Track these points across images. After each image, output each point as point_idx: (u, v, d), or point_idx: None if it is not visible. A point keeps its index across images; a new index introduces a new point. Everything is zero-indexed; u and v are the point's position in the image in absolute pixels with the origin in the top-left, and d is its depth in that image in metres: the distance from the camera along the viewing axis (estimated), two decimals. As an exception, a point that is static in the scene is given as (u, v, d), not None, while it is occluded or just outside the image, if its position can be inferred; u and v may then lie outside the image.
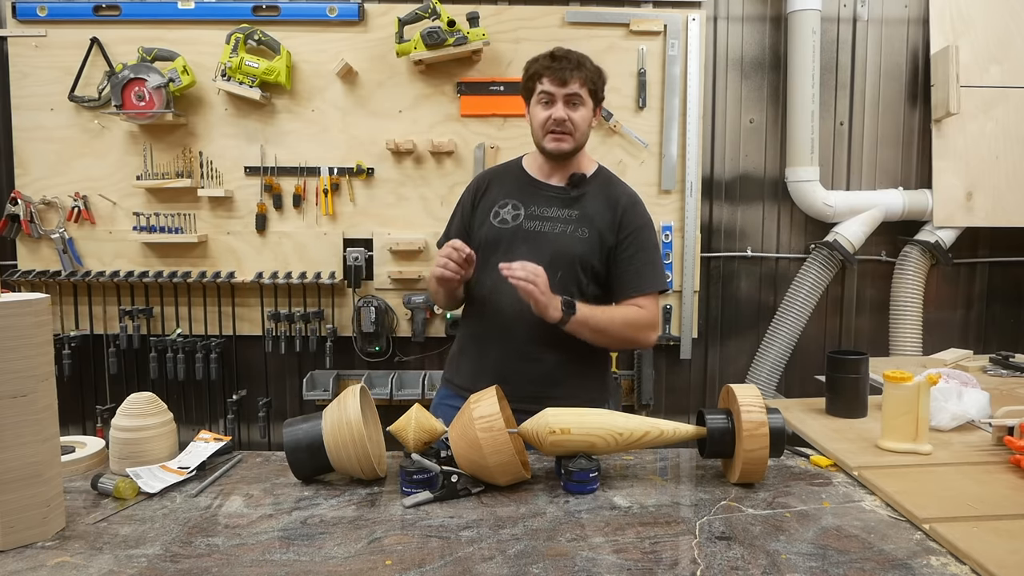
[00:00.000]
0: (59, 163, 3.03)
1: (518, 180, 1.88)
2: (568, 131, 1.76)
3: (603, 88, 1.83)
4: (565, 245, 1.77)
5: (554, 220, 1.80)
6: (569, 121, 1.75)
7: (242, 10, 2.98)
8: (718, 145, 3.20)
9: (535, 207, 1.82)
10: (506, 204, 1.84)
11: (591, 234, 1.79)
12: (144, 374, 3.08)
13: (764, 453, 1.38)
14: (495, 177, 1.93)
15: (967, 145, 3.12)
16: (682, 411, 3.26)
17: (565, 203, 1.82)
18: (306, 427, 1.46)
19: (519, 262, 1.62)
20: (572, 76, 1.74)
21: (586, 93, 1.77)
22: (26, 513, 1.19)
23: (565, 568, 1.12)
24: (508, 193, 1.86)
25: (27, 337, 1.19)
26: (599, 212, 1.81)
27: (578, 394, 1.73)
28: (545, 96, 1.76)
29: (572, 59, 1.76)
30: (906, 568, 1.11)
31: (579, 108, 1.77)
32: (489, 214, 1.84)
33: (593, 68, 1.80)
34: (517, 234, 1.80)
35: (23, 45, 2.99)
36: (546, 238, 1.78)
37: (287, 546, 1.20)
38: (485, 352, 1.80)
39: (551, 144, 1.78)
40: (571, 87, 1.74)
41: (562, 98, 1.75)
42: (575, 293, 1.75)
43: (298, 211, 3.08)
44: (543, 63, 1.77)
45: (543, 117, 1.77)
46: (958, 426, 1.73)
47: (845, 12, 3.16)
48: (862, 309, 3.30)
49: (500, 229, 1.81)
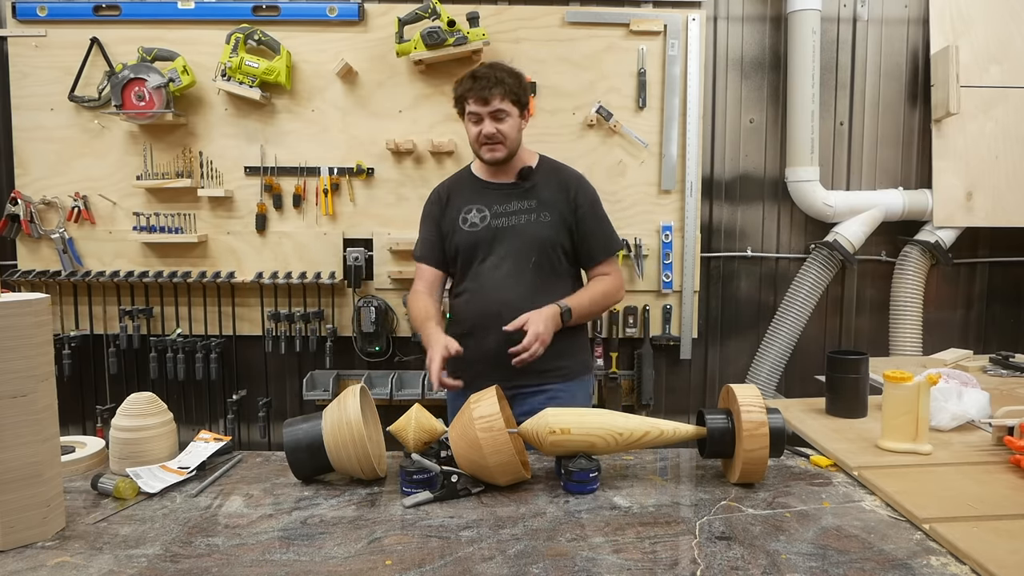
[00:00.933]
0: (59, 163, 3.03)
1: (474, 186, 2.08)
2: (499, 141, 1.95)
3: (526, 94, 1.99)
4: (533, 232, 1.98)
5: (518, 213, 2.00)
6: (499, 133, 1.94)
7: (242, 10, 2.98)
8: (718, 145, 3.20)
9: (498, 206, 2.01)
10: (470, 209, 2.03)
11: (552, 216, 2.00)
12: (144, 374, 3.08)
13: (764, 453, 1.38)
14: (452, 188, 2.11)
15: (967, 145, 3.12)
16: (682, 411, 3.26)
17: (521, 195, 2.02)
18: (306, 427, 1.46)
19: (519, 348, 1.79)
20: (492, 94, 1.91)
21: (509, 104, 1.94)
22: (26, 513, 1.19)
23: (565, 568, 1.12)
24: (469, 199, 2.05)
25: (27, 337, 1.19)
26: (554, 196, 2.02)
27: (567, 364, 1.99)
28: (473, 115, 1.95)
29: (491, 77, 1.92)
30: (906, 568, 1.11)
31: (505, 120, 1.94)
32: (457, 221, 2.03)
33: (512, 80, 1.95)
34: (489, 233, 1.99)
35: (23, 45, 2.99)
36: (515, 231, 1.99)
37: (287, 546, 1.20)
38: (482, 343, 1.94)
39: (487, 155, 1.98)
40: (493, 104, 1.92)
41: (487, 115, 1.93)
42: (550, 271, 1.99)
43: (298, 211, 3.08)
44: (466, 85, 1.95)
45: (475, 132, 1.96)
46: (958, 426, 1.73)
47: (845, 12, 3.16)
48: (862, 309, 3.30)
49: (473, 232, 2.00)
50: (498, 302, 1.93)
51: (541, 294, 1.94)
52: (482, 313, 1.95)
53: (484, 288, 1.98)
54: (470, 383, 1.82)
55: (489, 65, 2.00)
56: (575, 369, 2.02)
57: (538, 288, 1.95)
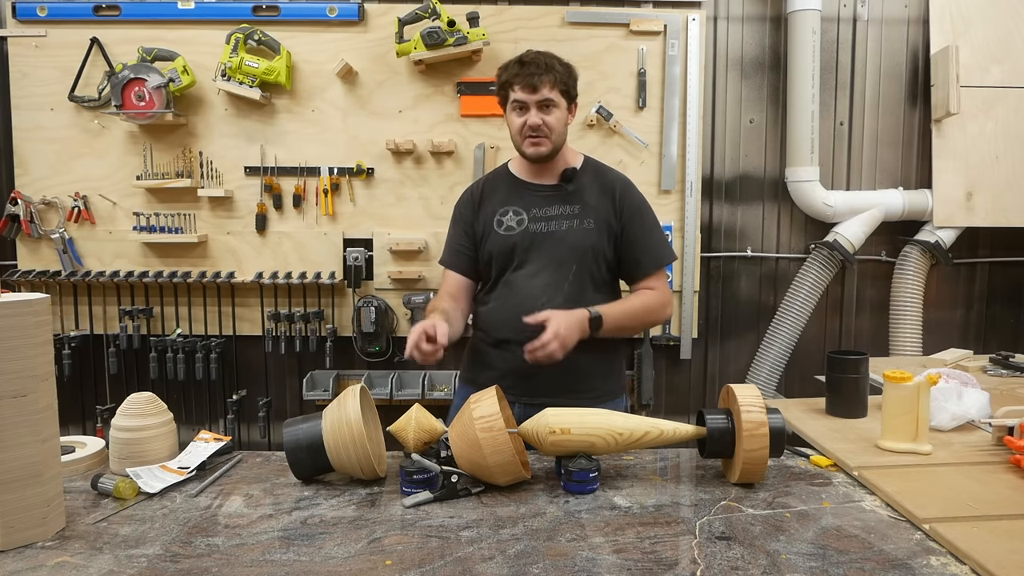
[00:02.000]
0: (59, 163, 3.03)
1: (511, 186, 1.90)
2: (544, 135, 1.78)
3: (575, 85, 1.83)
4: (575, 240, 1.81)
5: (559, 218, 1.83)
6: (544, 126, 1.77)
7: (242, 10, 2.98)
8: (718, 145, 3.20)
9: (536, 209, 1.84)
10: (507, 212, 1.86)
11: (596, 223, 1.83)
12: (144, 374, 3.08)
13: (764, 453, 1.38)
14: (487, 187, 1.94)
15: (967, 145, 3.12)
16: (682, 411, 3.26)
17: (563, 199, 1.85)
18: (306, 427, 1.46)
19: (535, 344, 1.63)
20: (542, 81, 1.74)
21: (558, 95, 1.77)
22: (26, 513, 1.19)
23: (565, 568, 1.12)
24: (505, 200, 1.88)
25: (27, 337, 1.19)
26: (598, 201, 1.85)
27: (599, 384, 1.84)
28: (518, 104, 1.78)
29: (540, 63, 1.75)
30: (906, 568, 1.11)
31: (553, 111, 1.78)
32: (492, 224, 1.86)
33: (563, 68, 1.79)
34: (526, 238, 1.82)
35: (23, 45, 2.99)
36: (555, 237, 1.82)
37: (287, 546, 1.20)
38: (511, 354, 1.79)
39: (530, 149, 1.80)
40: (542, 92, 1.75)
41: (535, 104, 1.76)
42: (589, 283, 1.82)
43: (298, 211, 3.08)
44: (512, 70, 1.77)
45: (519, 124, 1.79)
46: (958, 426, 1.73)
47: (845, 12, 3.16)
48: (862, 309, 3.30)
49: (508, 237, 1.84)
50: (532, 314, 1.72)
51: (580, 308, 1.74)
52: (513, 325, 1.75)
53: (517, 298, 1.80)
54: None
55: (538, 52, 1.81)
56: (607, 390, 1.85)
57: (577, 301, 1.77)
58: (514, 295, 1.81)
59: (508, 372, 1.79)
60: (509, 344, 1.80)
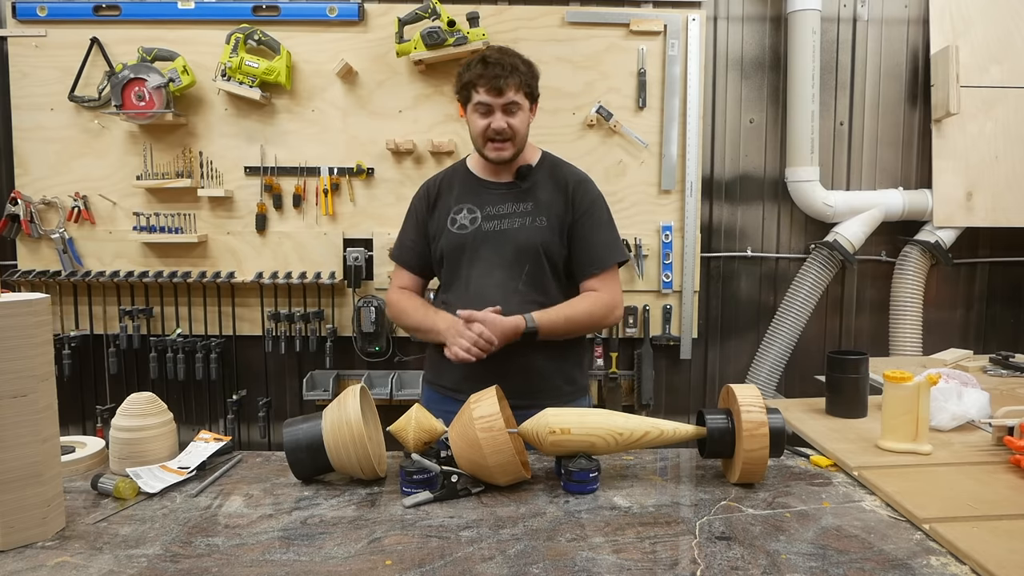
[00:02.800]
0: (59, 163, 3.03)
1: (467, 183, 1.87)
2: (508, 138, 1.75)
3: (537, 84, 1.80)
4: (527, 238, 1.78)
5: (511, 216, 1.81)
6: (509, 128, 1.74)
7: (242, 10, 2.98)
8: (718, 145, 3.20)
9: (490, 207, 1.82)
10: (461, 210, 1.84)
11: (549, 220, 1.80)
12: (144, 374, 3.08)
13: (764, 453, 1.38)
14: (443, 183, 1.91)
15: (967, 145, 3.12)
16: (682, 411, 3.26)
17: (518, 197, 1.82)
18: (306, 427, 1.46)
19: (452, 349, 1.66)
20: (507, 84, 1.70)
21: (522, 97, 1.74)
22: (26, 513, 1.19)
23: (565, 568, 1.11)
24: (460, 198, 1.85)
25: (27, 337, 1.19)
26: (551, 197, 1.82)
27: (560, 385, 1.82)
28: (482, 107, 1.74)
29: (505, 65, 1.71)
30: (906, 568, 1.11)
31: (517, 113, 1.75)
32: (446, 221, 1.84)
33: (526, 69, 1.76)
34: (478, 237, 1.80)
35: (23, 45, 2.99)
36: (506, 235, 1.79)
37: (287, 546, 1.20)
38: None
39: (492, 153, 1.78)
40: (507, 95, 1.71)
41: (499, 107, 1.73)
42: (543, 282, 1.79)
43: (298, 211, 3.08)
44: (476, 71, 1.72)
45: (482, 126, 1.75)
46: (958, 426, 1.73)
47: (845, 12, 3.16)
48: (862, 309, 3.30)
49: (460, 235, 1.81)
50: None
51: (535, 307, 1.74)
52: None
53: (471, 297, 1.75)
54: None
55: (499, 50, 1.76)
56: (569, 391, 1.84)
57: (531, 300, 1.75)
58: (468, 295, 1.77)
59: (468, 374, 1.72)
60: None
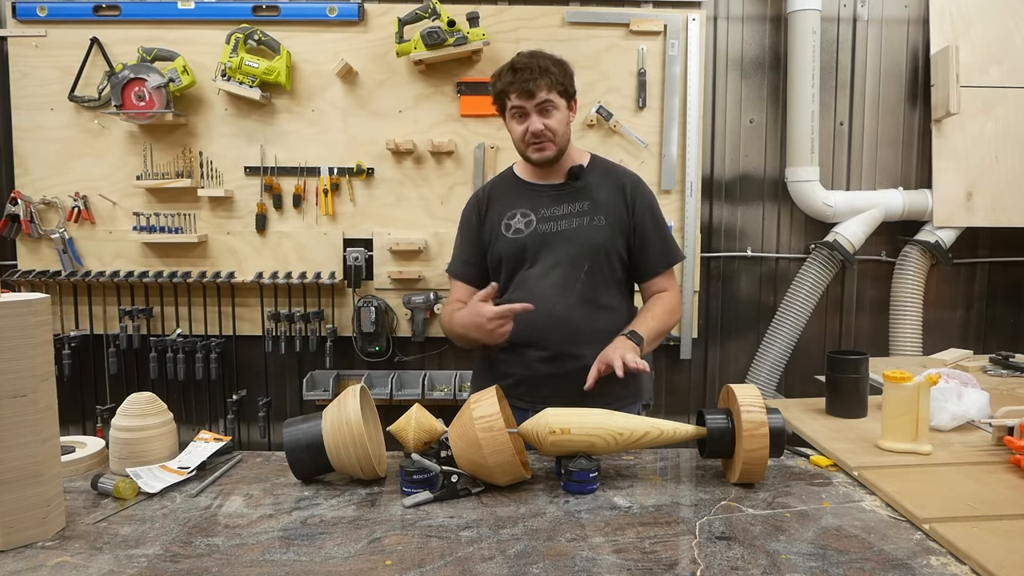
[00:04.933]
0: (59, 163, 3.03)
1: (517, 189, 1.87)
2: (548, 139, 1.75)
3: (572, 82, 1.79)
4: (585, 237, 1.78)
5: (568, 216, 1.80)
6: (547, 130, 1.74)
7: (242, 10, 2.98)
8: (718, 145, 3.20)
9: (544, 209, 1.81)
10: (514, 215, 1.82)
11: (607, 220, 1.80)
12: (144, 374, 3.08)
13: (764, 453, 1.38)
14: (493, 192, 1.90)
15: (967, 145, 3.12)
16: (682, 411, 3.26)
17: (572, 197, 1.82)
18: (306, 427, 1.46)
19: (613, 365, 1.59)
20: (538, 86, 1.70)
21: (556, 96, 1.74)
22: (26, 513, 1.19)
23: (565, 568, 1.11)
24: (512, 204, 1.84)
25: (27, 337, 1.19)
26: (608, 197, 1.82)
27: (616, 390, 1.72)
28: (517, 111, 1.75)
29: (534, 68, 1.71)
30: (906, 568, 1.11)
31: (553, 113, 1.74)
32: (500, 228, 1.83)
33: (557, 68, 1.75)
34: (535, 240, 1.79)
35: (23, 45, 2.99)
36: (564, 236, 1.78)
37: (287, 546, 1.20)
38: (525, 360, 1.78)
39: (535, 155, 1.77)
40: (539, 96, 1.71)
41: (534, 109, 1.73)
42: (602, 282, 1.79)
43: (298, 211, 3.08)
44: (507, 79, 1.73)
45: (520, 131, 1.76)
46: (958, 426, 1.73)
47: (845, 12, 3.16)
48: (862, 309, 3.30)
49: (517, 239, 1.80)
50: (545, 314, 1.73)
51: (593, 307, 1.76)
52: (527, 326, 1.72)
53: (529, 298, 1.72)
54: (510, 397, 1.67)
55: (529, 54, 1.76)
56: (621, 395, 1.78)
57: (590, 300, 1.76)
58: (525, 296, 1.75)
59: (523, 378, 1.76)
60: (522, 348, 1.77)
